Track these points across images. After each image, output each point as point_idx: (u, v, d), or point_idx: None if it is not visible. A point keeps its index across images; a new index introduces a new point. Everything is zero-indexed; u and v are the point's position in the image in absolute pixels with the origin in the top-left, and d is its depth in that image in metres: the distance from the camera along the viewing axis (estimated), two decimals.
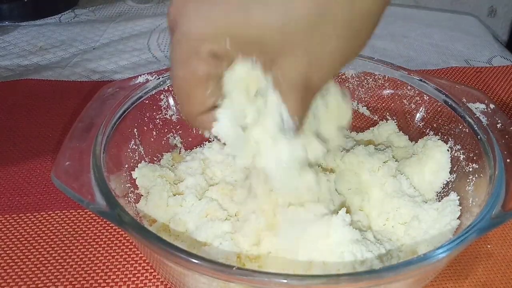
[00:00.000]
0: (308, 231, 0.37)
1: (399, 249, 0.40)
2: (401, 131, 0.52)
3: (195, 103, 0.32)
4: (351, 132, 0.54)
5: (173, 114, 0.49)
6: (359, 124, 0.55)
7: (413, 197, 0.44)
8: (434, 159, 0.45)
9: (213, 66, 0.30)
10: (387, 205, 0.43)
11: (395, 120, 0.52)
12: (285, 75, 0.30)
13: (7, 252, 0.43)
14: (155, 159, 0.48)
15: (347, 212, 0.37)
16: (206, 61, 0.30)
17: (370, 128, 0.53)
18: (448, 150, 0.45)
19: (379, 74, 0.51)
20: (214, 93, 0.32)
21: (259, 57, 0.30)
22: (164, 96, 0.48)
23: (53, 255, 0.43)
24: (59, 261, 0.42)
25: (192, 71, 0.30)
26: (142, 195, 0.44)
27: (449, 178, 0.45)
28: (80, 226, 0.46)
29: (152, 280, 0.41)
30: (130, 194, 0.42)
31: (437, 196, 0.45)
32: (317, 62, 0.29)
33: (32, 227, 0.46)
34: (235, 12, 0.28)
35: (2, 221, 0.46)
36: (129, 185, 0.43)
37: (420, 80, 0.49)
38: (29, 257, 0.43)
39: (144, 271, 0.42)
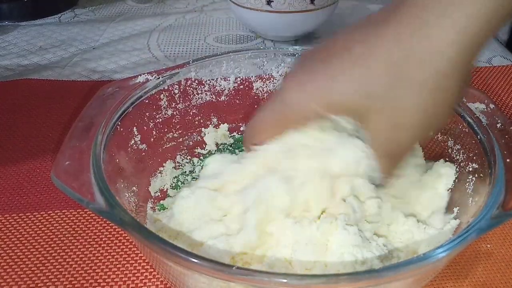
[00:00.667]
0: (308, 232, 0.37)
1: (399, 249, 0.40)
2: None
3: (262, 139, 0.38)
4: None
5: (173, 114, 0.49)
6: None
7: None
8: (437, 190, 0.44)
9: (298, 123, 0.37)
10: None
11: None
12: (373, 131, 0.34)
13: (7, 252, 0.43)
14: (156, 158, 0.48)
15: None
16: (295, 121, 0.36)
17: None
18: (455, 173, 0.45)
19: None
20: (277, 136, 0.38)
21: (351, 116, 0.34)
22: (164, 95, 0.48)
23: (53, 255, 0.43)
24: (59, 261, 0.42)
25: (279, 120, 0.37)
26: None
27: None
28: (80, 226, 0.46)
29: (152, 280, 0.41)
30: (131, 194, 0.42)
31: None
32: (400, 121, 0.32)
33: (32, 227, 0.46)
34: (322, 84, 0.33)
35: (2, 221, 0.46)
36: (129, 185, 0.43)
37: None
38: (29, 257, 0.43)
39: (144, 270, 0.42)
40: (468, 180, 0.42)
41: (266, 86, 0.53)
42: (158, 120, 0.48)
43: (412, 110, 0.32)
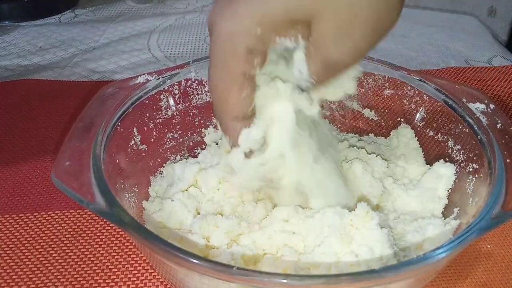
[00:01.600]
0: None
1: (403, 249, 0.40)
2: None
3: (230, 105, 0.32)
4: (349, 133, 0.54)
5: (173, 114, 0.49)
6: (359, 124, 0.55)
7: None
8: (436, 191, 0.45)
9: (248, 63, 0.30)
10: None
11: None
12: (316, 40, 0.30)
13: (7, 252, 0.43)
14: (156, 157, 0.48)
15: None
16: (241, 58, 0.30)
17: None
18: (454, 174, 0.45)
19: (379, 74, 0.51)
20: (249, 97, 0.32)
21: (295, 33, 0.30)
22: (164, 96, 0.48)
23: (53, 255, 0.43)
24: (59, 261, 0.42)
25: (228, 70, 0.31)
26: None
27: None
28: (80, 226, 0.46)
29: (152, 280, 0.41)
30: (131, 194, 0.42)
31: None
32: (346, 27, 0.29)
33: (32, 227, 0.46)
34: (265, 2, 0.29)
35: (2, 221, 0.46)
36: (129, 185, 0.43)
37: (420, 80, 0.49)
38: (29, 257, 0.43)
39: (144, 271, 0.42)
40: (468, 180, 0.42)
41: None
42: (158, 121, 0.48)
43: (358, 17, 0.29)
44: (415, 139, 0.50)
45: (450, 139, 0.46)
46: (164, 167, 0.49)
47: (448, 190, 0.44)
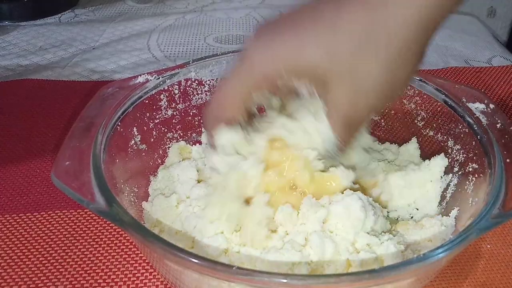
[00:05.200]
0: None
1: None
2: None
3: (223, 111, 0.37)
4: None
5: (173, 114, 0.49)
6: None
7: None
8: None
9: (259, 87, 0.35)
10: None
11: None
12: (333, 99, 0.34)
13: (7, 252, 0.43)
14: (156, 158, 0.48)
15: None
16: (257, 79, 0.35)
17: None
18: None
19: None
20: (241, 112, 0.37)
21: (314, 83, 0.34)
22: (164, 96, 0.48)
23: (53, 255, 0.43)
24: (59, 261, 0.42)
25: (242, 82, 0.36)
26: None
27: (450, 179, 0.45)
28: (80, 226, 0.46)
29: (152, 280, 0.41)
30: (131, 194, 0.42)
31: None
32: (361, 89, 0.33)
33: (32, 227, 0.46)
34: (290, 44, 0.33)
35: (2, 221, 0.46)
36: (129, 185, 0.43)
37: (420, 80, 0.49)
38: (29, 257, 0.43)
39: (144, 271, 0.42)
40: (468, 180, 0.42)
41: None
42: (158, 120, 0.48)
43: (374, 77, 0.32)
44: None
45: (450, 139, 0.46)
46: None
47: (441, 178, 0.45)
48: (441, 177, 0.45)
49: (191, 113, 0.51)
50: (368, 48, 0.32)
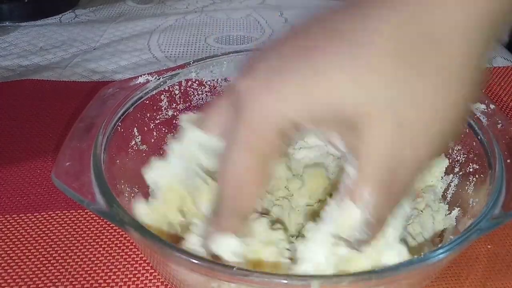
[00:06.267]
0: None
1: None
2: None
3: (249, 197, 0.27)
4: None
5: (174, 114, 0.49)
6: None
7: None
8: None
9: (275, 148, 0.26)
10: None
11: None
12: (369, 148, 0.24)
13: (7, 252, 0.43)
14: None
15: None
16: (273, 141, 0.25)
17: None
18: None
19: None
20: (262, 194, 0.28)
21: (339, 130, 0.25)
22: (164, 96, 0.48)
23: (53, 255, 0.43)
24: (59, 261, 0.42)
25: (257, 152, 0.25)
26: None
27: (450, 180, 0.45)
28: (80, 226, 0.46)
29: (153, 281, 0.41)
30: (131, 194, 0.42)
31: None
32: (410, 128, 0.23)
33: (32, 227, 0.46)
34: (307, 83, 0.24)
35: (2, 221, 0.46)
36: (130, 185, 0.43)
37: None
38: (29, 257, 0.43)
39: (145, 271, 0.42)
40: (468, 180, 0.42)
41: None
42: (158, 121, 0.48)
43: (425, 108, 0.23)
44: None
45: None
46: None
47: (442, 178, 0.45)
48: (442, 177, 0.45)
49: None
50: (411, 73, 0.23)
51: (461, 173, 0.44)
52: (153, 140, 0.48)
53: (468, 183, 0.42)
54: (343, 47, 0.24)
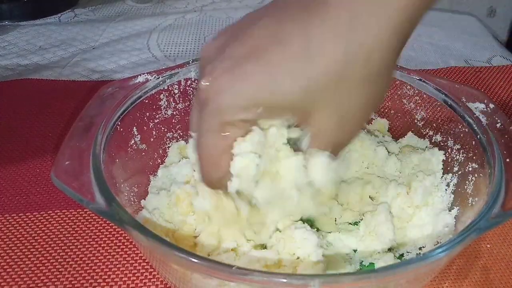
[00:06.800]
0: None
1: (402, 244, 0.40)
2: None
3: (221, 170, 0.33)
4: None
5: (173, 114, 0.49)
6: None
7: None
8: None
9: (243, 129, 0.32)
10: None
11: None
12: (318, 129, 0.32)
13: (7, 252, 0.43)
14: (156, 157, 0.48)
15: None
16: (238, 126, 0.32)
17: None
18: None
19: None
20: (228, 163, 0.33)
21: (293, 115, 0.32)
22: (163, 95, 0.48)
23: (53, 254, 0.43)
24: (59, 260, 0.42)
25: (224, 137, 0.32)
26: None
27: (449, 179, 0.45)
28: (80, 226, 0.46)
29: (152, 280, 0.41)
30: (131, 194, 0.42)
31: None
32: (347, 114, 0.32)
33: (32, 227, 0.46)
34: (263, 85, 0.30)
35: (2, 221, 0.46)
36: (129, 184, 0.43)
37: (420, 79, 0.49)
38: (29, 257, 0.43)
39: (144, 270, 0.42)
40: (468, 179, 0.42)
41: None
42: (158, 120, 0.48)
43: (356, 103, 0.32)
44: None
45: (450, 138, 0.46)
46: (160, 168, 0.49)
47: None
48: (441, 177, 0.45)
49: None
50: (347, 76, 0.30)
51: (460, 172, 0.44)
52: (152, 139, 0.48)
53: (467, 182, 0.42)
54: (292, 56, 0.30)
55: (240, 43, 0.31)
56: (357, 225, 0.44)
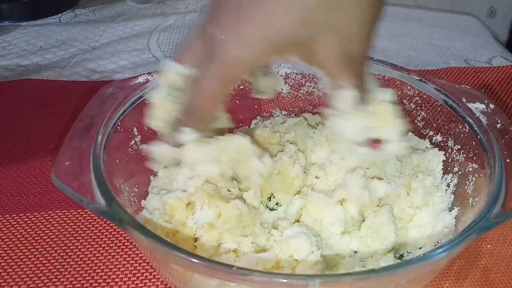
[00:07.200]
0: None
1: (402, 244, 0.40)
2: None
3: (208, 112, 0.36)
4: None
5: None
6: None
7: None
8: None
9: (241, 75, 0.34)
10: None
11: None
12: (326, 58, 0.32)
13: (7, 252, 0.43)
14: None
15: None
16: (237, 72, 0.34)
17: None
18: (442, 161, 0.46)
19: (379, 74, 0.51)
20: (218, 109, 0.37)
21: (299, 54, 0.33)
22: None
23: (53, 254, 0.43)
24: (59, 260, 0.42)
25: (224, 87, 0.34)
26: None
27: (450, 179, 0.45)
28: (80, 226, 0.46)
29: (152, 280, 0.41)
30: (131, 194, 0.42)
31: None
32: (348, 34, 0.32)
33: (32, 227, 0.46)
34: (263, 24, 0.31)
35: (2, 221, 0.46)
36: (129, 185, 0.43)
37: (420, 80, 0.49)
38: (29, 257, 0.43)
39: (144, 270, 0.42)
40: (468, 180, 0.42)
41: None
42: None
43: (355, 20, 0.32)
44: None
45: (450, 139, 0.46)
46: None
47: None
48: (441, 177, 0.45)
49: None
50: (335, 6, 0.31)
51: (460, 172, 0.44)
52: (152, 140, 0.48)
53: (467, 182, 0.42)
54: None
55: None
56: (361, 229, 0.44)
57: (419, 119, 0.50)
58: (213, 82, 0.34)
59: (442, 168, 0.46)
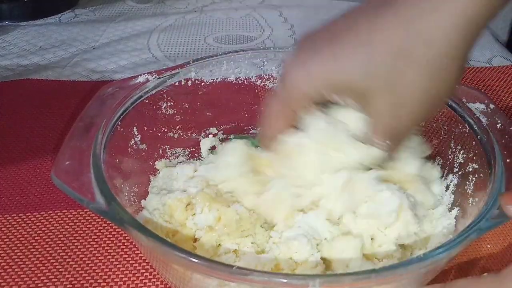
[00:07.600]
0: None
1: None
2: None
3: (273, 131, 0.40)
4: None
5: (173, 114, 0.49)
6: None
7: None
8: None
9: (301, 103, 0.37)
10: None
11: None
12: (375, 112, 0.35)
13: (7, 252, 0.43)
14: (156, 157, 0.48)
15: None
16: (297, 98, 0.37)
17: None
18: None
19: None
20: (283, 131, 0.39)
21: (355, 99, 0.35)
22: (164, 95, 0.48)
23: (53, 254, 0.43)
24: (59, 260, 0.42)
25: (285, 106, 0.38)
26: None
27: (450, 180, 0.45)
28: (80, 226, 0.46)
29: (152, 280, 0.41)
30: (131, 194, 0.42)
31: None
32: (402, 101, 0.33)
33: (32, 227, 0.46)
34: (327, 62, 0.34)
35: (2, 221, 0.46)
36: (129, 184, 0.43)
37: None
38: (29, 257, 0.43)
39: (144, 270, 0.42)
40: (468, 180, 0.42)
41: (266, 86, 0.53)
42: (158, 120, 0.48)
43: (414, 89, 0.33)
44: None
45: (450, 139, 0.46)
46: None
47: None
48: (441, 177, 0.45)
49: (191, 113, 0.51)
50: (405, 60, 0.32)
51: (460, 172, 0.44)
52: (152, 139, 0.48)
53: (467, 183, 0.42)
54: (357, 43, 0.33)
55: (325, 29, 0.36)
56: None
57: None
58: (276, 101, 0.38)
59: (442, 168, 0.45)
